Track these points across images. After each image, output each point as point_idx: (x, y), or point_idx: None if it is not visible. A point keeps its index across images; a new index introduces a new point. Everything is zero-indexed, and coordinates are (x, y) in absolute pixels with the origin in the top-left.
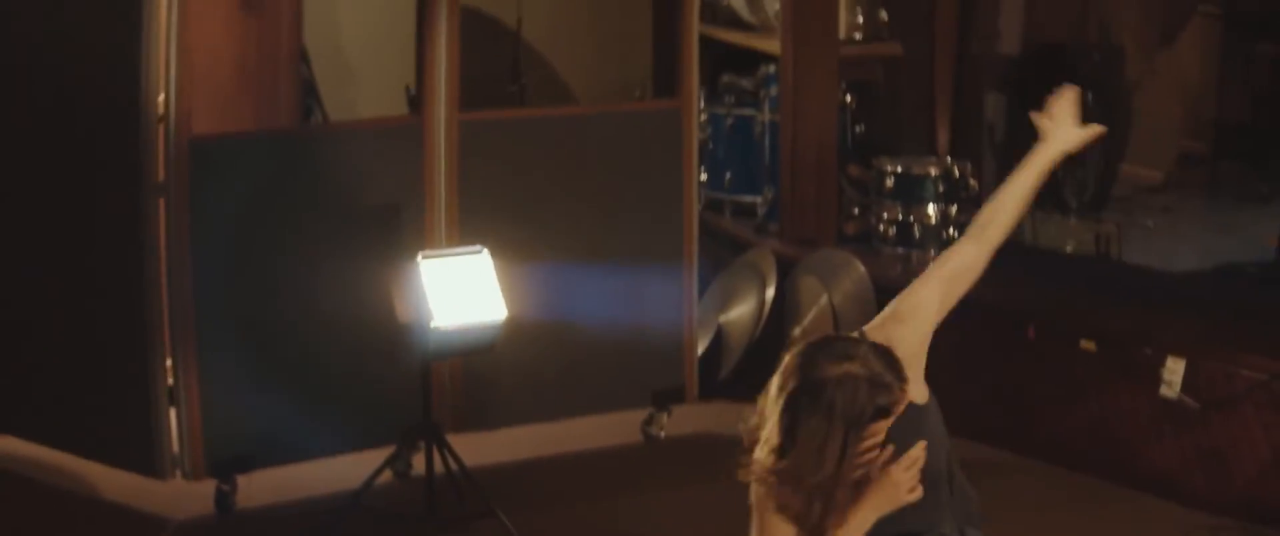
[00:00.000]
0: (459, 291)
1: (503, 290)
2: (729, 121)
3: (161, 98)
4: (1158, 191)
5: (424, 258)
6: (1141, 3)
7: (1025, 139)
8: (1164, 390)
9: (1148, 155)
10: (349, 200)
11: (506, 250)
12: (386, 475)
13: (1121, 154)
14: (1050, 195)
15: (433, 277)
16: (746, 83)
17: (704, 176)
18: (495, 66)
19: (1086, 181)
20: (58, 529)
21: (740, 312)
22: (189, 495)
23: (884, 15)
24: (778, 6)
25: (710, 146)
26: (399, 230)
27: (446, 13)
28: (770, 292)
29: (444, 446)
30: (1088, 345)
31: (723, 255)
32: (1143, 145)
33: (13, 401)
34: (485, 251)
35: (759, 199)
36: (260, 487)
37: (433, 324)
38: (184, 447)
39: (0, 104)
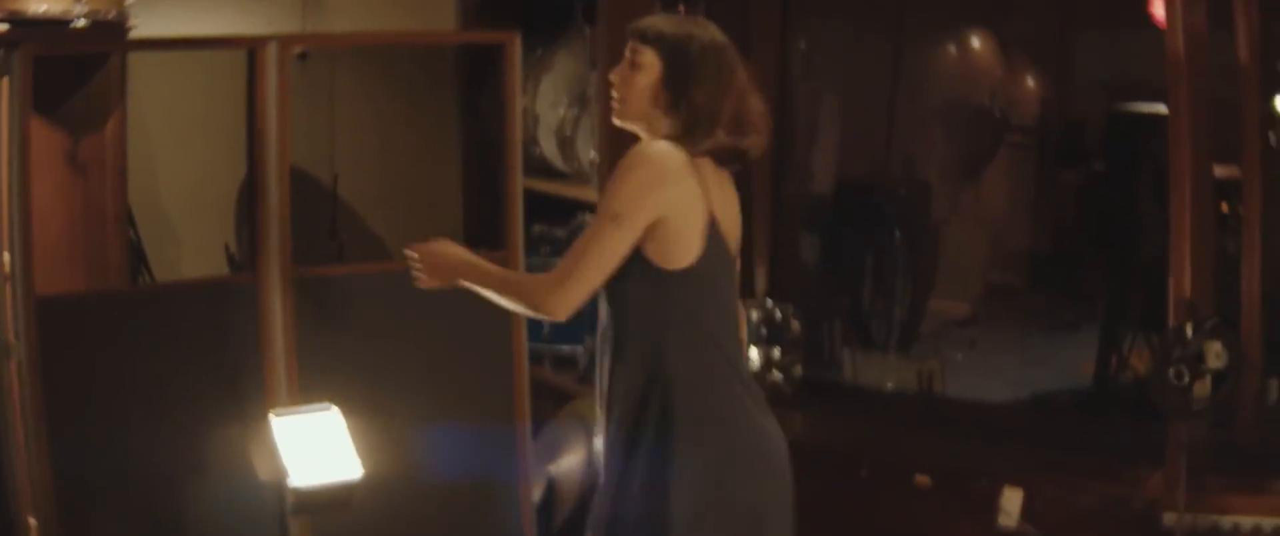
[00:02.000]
0: (311, 449)
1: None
2: (544, 271)
3: (6, 256)
4: (967, 325)
5: (275, 416)
6: (948, 137)
7: (843, 277)
8: (1002, 520)
9: (956, 289)
10: (192, 359)
11: (345, 407)
12: None
13: (929, 289)
14: (859, 333)
15: (285, 435)
16: (561, 232)
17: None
18: (313, 223)
19: (894, 318)
20: None
21: (569, 463)
22: None
23: None
24: (592, 155)
25: None
26: (243, 388)
27: (277, 170)
28: (599, 442)
29: None
30: (923, 480)
31: (545, 406)
32: (951, 280)
33: None
34: (334, 408)
35: (579, 349)
36: None
37: (289, 482)
38: None
39: None
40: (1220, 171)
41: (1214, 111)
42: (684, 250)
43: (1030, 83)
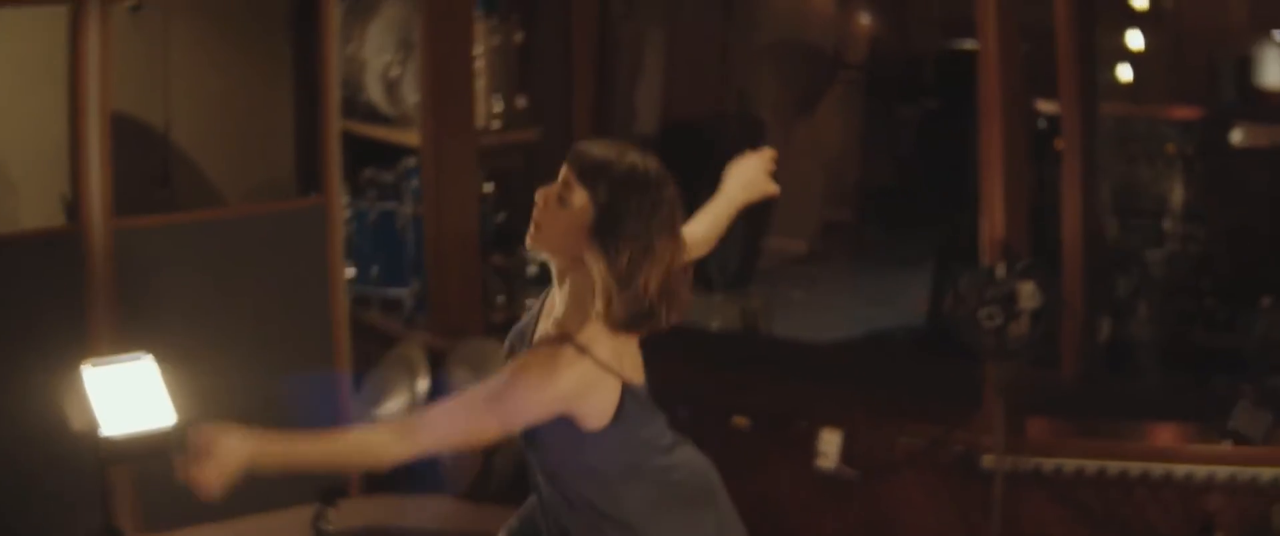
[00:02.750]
0: (127, 398)
1: (171, 395)
2: (373, 216)
3: None
4: (804, 263)
5: (89, 366)
6: (780, 72)
7: None
8: (820, 461)
9: (792, 227)
10: (14, 311)
11: (170, 355)
12: None
13: (765, 227)
14: (695, 273)
15: (99, 386)
16: (388, 176)
17: (352, 272)
18: (145, 170)
19: (730, 257)
20: None
21: (395, 406)
22: None
23: (522, 102)
24: (417, 98)
25: (355, 241)
26: (64, 340)
27: (98, 120)
28: (423, 385)
29: None
30: (740, 422)
31: (374, 350)
32: (787, 217)
33: None
34: (149, 357)
35: (406, 292)
36: None
37: (103, 432)
38: None
39: None
40: (1050, 108)
41: (1040, 46)
42: (598, 418)
43: (864, 19)
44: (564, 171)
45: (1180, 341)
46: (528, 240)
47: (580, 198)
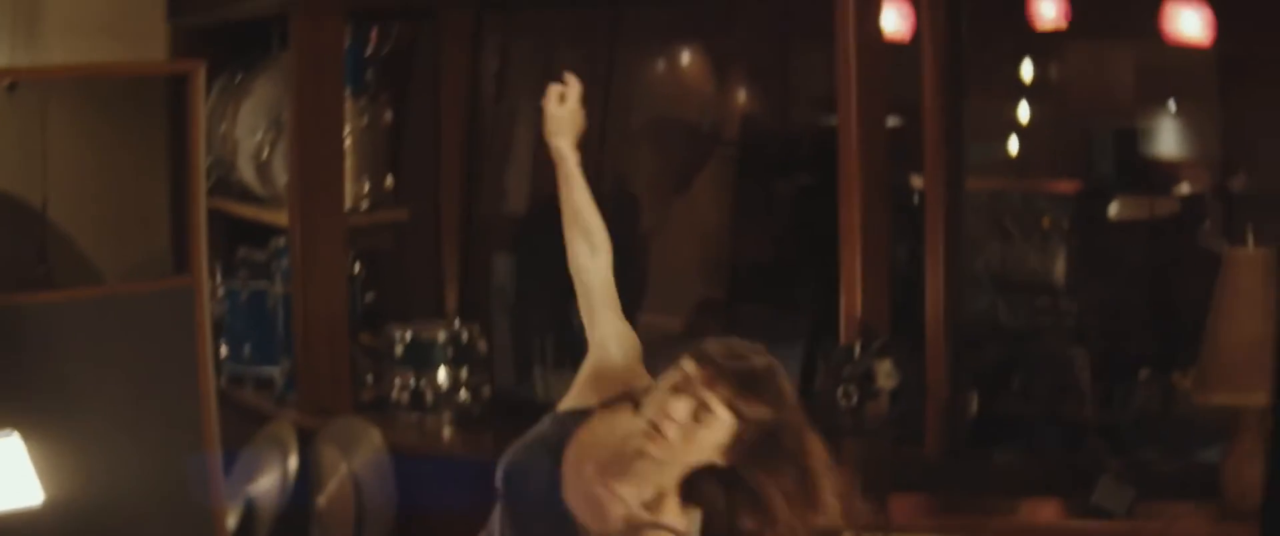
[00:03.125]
0: None
1: (37, 474)
2: (245, 295)
3: None
4: (678, 340)
5: None
6: (656, 149)
7: (537, 297)
8: None
9: (666, 304)
10: None
11: (38, 434)
12: None
13: (638, 303)
14: (566, 351)
15: None
16: (260, 255)
17: (225, 351)
18: (22, 247)
19: None
20: None
21: (267, 484)
22: None
23: (390, 182)
24: (287, 178)
25: (228, 320)
26: None
27: None
28: (293, 463)
29: None
30: None
31: (248, 428)
32: (660, 294)
33: None
34: (15, 435)
35: (277, 370)
36: None
37: None
38: None
39: None
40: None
41: (915, 121)
42: None
43: (742, 96)
44: (703, 371)
45: (1052, 416)
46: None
47: (723, 415)
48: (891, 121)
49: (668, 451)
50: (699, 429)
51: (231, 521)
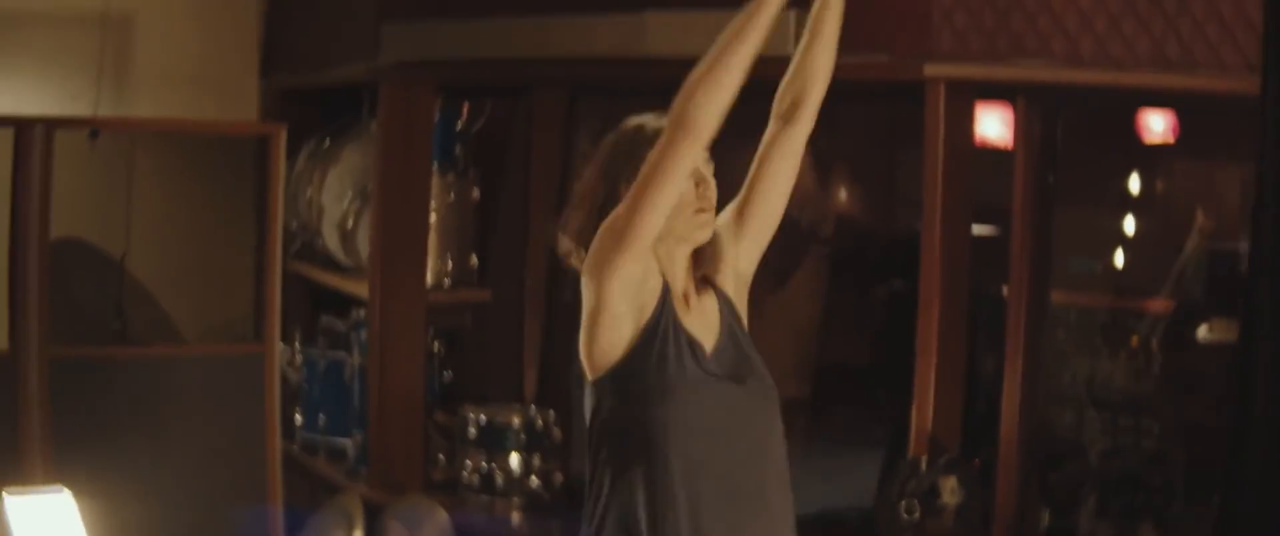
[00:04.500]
0: (45, 530)
1: (92, 529)
2: (323, 364)
3: None
4: None
5: (8, 495)
6: None
7: None
8: None
9: None
10: None
11: (98, 490)
12: None
13: None
14: None
15: (18, 518)
16: (340, 325)
17: (300, 418)
18: (100, 300)
19: None
20: None
21: None
22: None
23: (474, 261)
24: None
25: (306, 388)
26: None
27: (36, 246)
28: None
29: None
30: None
31: (317, 497)
32: None
33: None
34: (66, 492)
35: (350, 442)
36: None
37: None
38: None
39: None
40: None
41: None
42: None
43: (843, 196)
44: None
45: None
46: (705, 231)
47: None
48: (984, 230)
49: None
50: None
51: None
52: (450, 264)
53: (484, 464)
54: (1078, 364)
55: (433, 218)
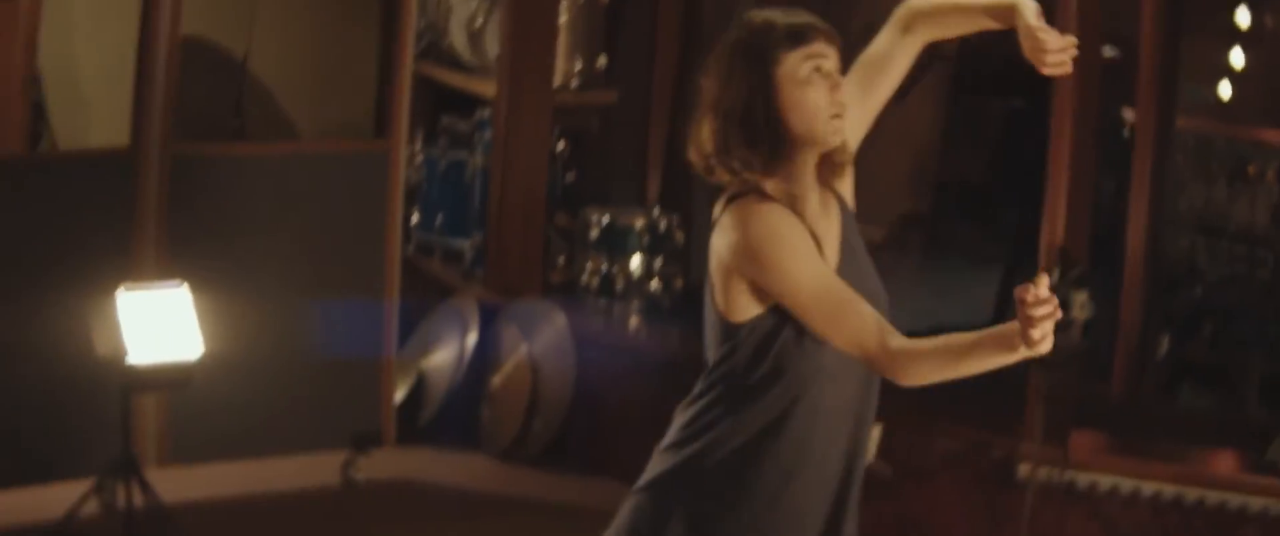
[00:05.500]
0: (158, 326)
1: (205, 325)
2: (443, 164)
3: None
4: (878, 250)
5: (124, 291)
6: None
7: None
8: None
9: (869, 214)
10: (60, 229)
11: (214, 284)
12: (88, 508)
13: None
14: None
15: (132, 311)
16: (463, 125)
17: (417, 218)
18: (220, 98)
19: None
20: None
21: (441, 359)
22: None
23: (602, 62)
24: (498, 49)
25: (424, 188)
26: (108, 261)
27: (165, 42)
28: (471, 340)
29: (142, 482)
30: None
31: (431, 299)
32: (865, 203)
33: None
34: (184, 286)
35: (468, 244)
36: None
37: (128, 359)
38: None
39: None
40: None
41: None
42: None
43: None
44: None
45: (1240, 367)
46: (839, 136)
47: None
48: (1109, 53)
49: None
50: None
51: (401, 391)
52: (578, 65)
53: (604, 266)
54: (1194, 192)
55: (562, 18)
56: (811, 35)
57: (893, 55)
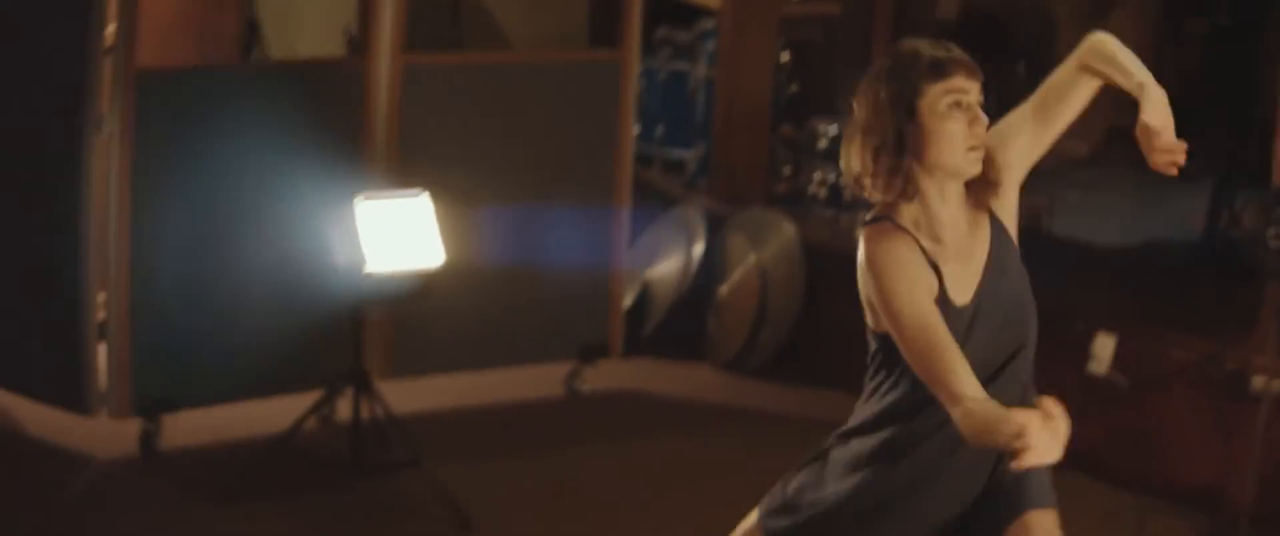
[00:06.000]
0: (396, 235)
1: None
2: (663, 76)
3: (111, 29)
4: (1084, 165)
5: (363, 200)
6: None
7: None
8: (1093, 366)
9: (1075, 129)
10: (290, 140)
11: (441, 195)
12: (313, 420)
13: None
14: None
15: (370, 220)
16: (683, 37)
17: (636, 130)
18: (433, 9)
19: None
20: None
21: (667, 269)
22: (113, 434)
23: None
24: None
25: (643, 99)
26: (338, 172)
27: None
28: (698, 250)
29: (372, 393)
30: None
31: (651, 209)
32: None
33: None
34: (425, 194)
35: (690, 154)
36: (185, 428)
37: (367, 268)
38: (112, 384)
39: None
40: None
41: None
42: None
43: None
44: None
45: None
46: (977, 166)
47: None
48: None
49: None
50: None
51: (628, 299)
52: None
53: (832, 177)
54: None
55: None
56: (953, 69)
57: (1073, 88)
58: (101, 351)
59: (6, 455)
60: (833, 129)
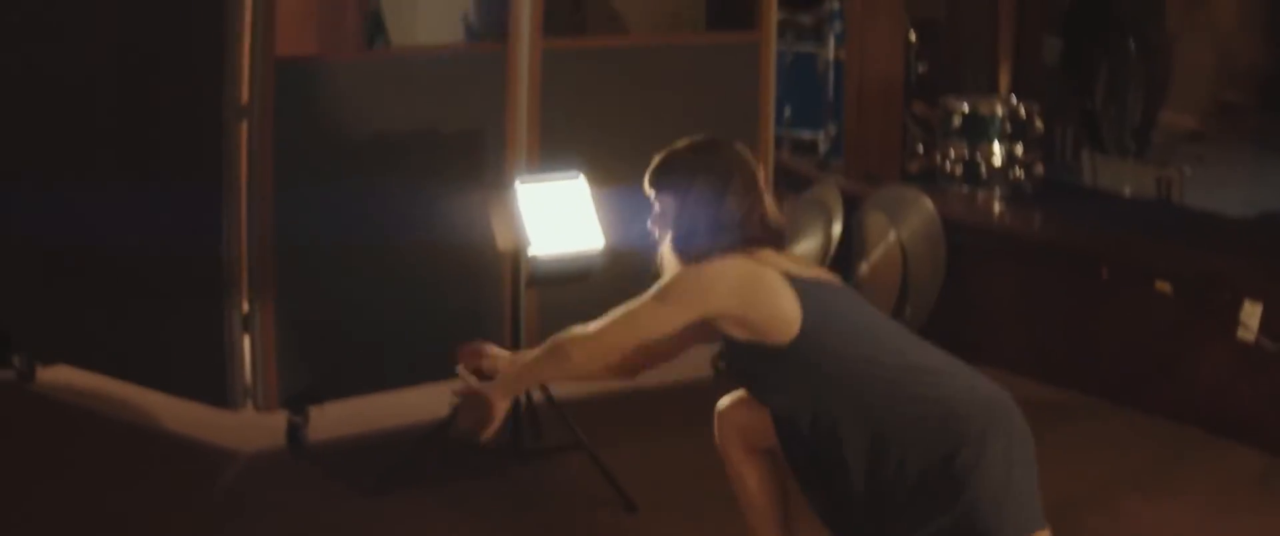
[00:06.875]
0: (553, 218)
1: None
2: (789, 57)
3: (248, 17)
4: (1194, 139)
5: (522, 183)
6: None
7: (1078, 81)
8: (1241, 333)
9: (1186, 103)
10: (431, 127)
11: (595, 177)
12: None
13: (1161, 101)
14: (1092, 138)
15: (530, 204)
16: (805, 19)
17: None
18: None
19: (1125, 126)
20: (121, 462)
21: (806, 248)
22: (259, 427)
23: None
24: None
25: None
26: (481, 157)
27: None
28: (837, 228)
29: None
30: (1163, 287)
31: (782, 191)
32: (1181, 93)
33: (70, 328)
34: (581, 177)
35: (820, 135)
36: (332, 420)
37: (531, 251)
38: (257, 377)
39: (81, 21)
40: None
41: None
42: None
43: None
44: None
45: None
46: None
47: None
48: None
49: None
50: None
51: None
52: None
53: (966, 153)
54: None
55: None
56: None
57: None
58: (246, 343)
59: (149, 453)
60: (967, 106)
